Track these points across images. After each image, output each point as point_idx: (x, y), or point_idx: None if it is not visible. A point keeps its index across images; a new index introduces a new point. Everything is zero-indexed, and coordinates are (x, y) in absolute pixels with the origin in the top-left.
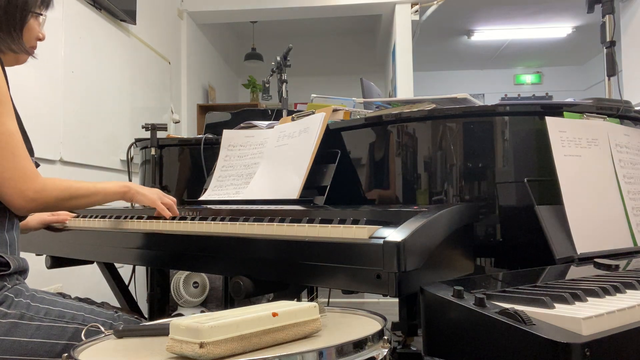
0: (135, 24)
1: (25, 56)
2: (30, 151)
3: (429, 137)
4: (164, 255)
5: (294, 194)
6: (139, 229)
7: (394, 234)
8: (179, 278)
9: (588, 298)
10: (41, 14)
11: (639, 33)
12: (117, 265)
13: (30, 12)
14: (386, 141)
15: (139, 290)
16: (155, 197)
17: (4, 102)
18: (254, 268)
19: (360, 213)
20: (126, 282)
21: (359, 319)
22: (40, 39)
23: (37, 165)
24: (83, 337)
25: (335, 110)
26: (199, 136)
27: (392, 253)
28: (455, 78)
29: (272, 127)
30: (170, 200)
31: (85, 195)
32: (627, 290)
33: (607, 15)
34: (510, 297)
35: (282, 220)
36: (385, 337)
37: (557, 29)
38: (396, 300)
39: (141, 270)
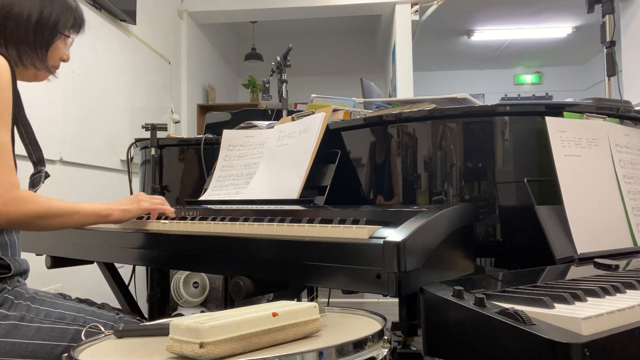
0: (135, 24)
1: (46, 74)
2: (42, 161)
3: (429, 137)
4: (164, 255)
5: (294, 194)
6: (139, 229)
7: (394, 234)
8: (179, 278)
9: (588, 298)
10: (69, 37)
11: (639, 33)
12: (117, 265)
13: (60, 34)
14: (386, 141)
15: (139, 290)
16: (145, 204)
17: (2, 113)
18: (254, 268)
19: (360, 213)
20: (126, 282)
21: (359, 319)
22: (64, 60)
23: (47, 176)
24: (83, 337)
25: (335, 110)
26: (199, 136)
27: (392, 253)
28: (455, 78)
29: (272, 127)
30: (158, 199)
31: (61, 215)
32: (627, 290)
33: (607, 15)
34: (510, 297)
35: (282, 220)
36: (385, 337)
37: (557, 29)
38: (396, 300)
39: (141, 270)
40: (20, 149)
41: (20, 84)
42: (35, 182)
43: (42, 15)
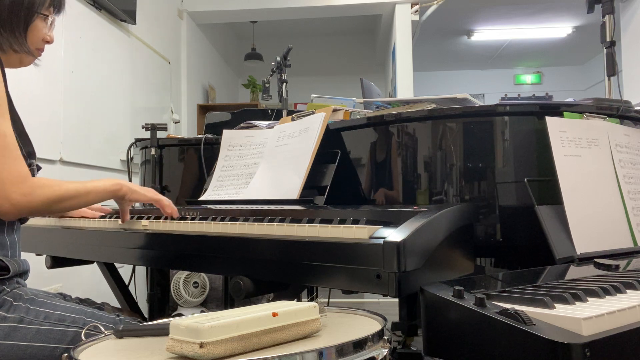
0: (135, 24)
1: (30, 58)
2: (32, 154)
3: (429, 137)
4: (164, 255)
5: (294, 194)
6: (139, 229)
7: (394, 234)
8: (179, 278)
9: (588, 298)
10: (48, 16)
11: (639, 33)
12: (117, 265)
13: (37, 13)
14: (386, 141)
15: (139, 290)
16: (152, 193)
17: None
18: (254, 268)
19: (360, 213)
20: (126, 282)
21: (359, 319)
22: (48, 42)
23: (39, 168)
24: (83, 338)
25: (335, 110)
26: (199, 136)
27: (392, 253)
28: (455, 78)
29: (272, 127)
30: (166, 199)
31: (75, 196)
32: (627, 290)
33: (607, 15)
34: (510, 297)
35: (282, 220)
36: (385, 337)
37: (557, 29)
38: (396, 300)
39: (141, 270)
40: None
41: (19, 82)
42: None
43: None
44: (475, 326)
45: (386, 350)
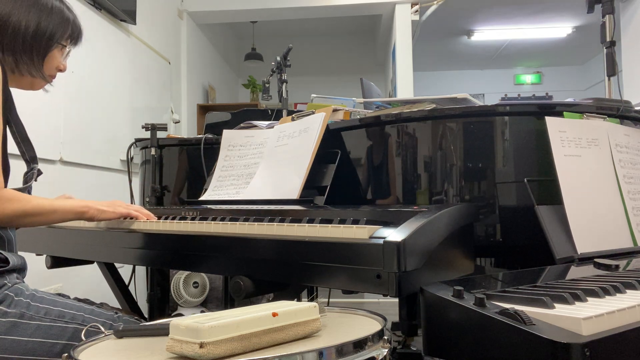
0: (135, 24)
1: (42, 83)
2: (34, 159)
3: (429, 137)
4: (164, 255)
5: (294, 194)
6: (139, 229)
7: (394, 234)
8: (179, 278)
9: (588, 298)
10: (66, 46)
11: (639, 33)
12: (117, 265)
13: (56, 43)
14: (386, 141)
15: (139, 290)
16: (122, 209)
17: None
18: (254, 268)
19: (360, 213)
20: (126, 282)
21: (359, 319)
22: (60, 70)
23: (40, 173)
24: (83, 337)
25: (335, 110)
26: (199, 136)
27: (392, 253)
28: (455, 78)
29: (272, 127)
30: (135, 206)
31: (41, 213)
32: (627, 290)
33: (607, 15)
34: (510, 297)
35: (282, 220)
36: (385, 337)
37: (557, 29)
38: (396, 300)
39: (141, 270)
40: (12, 147)
41: None
42: (27, 179)
43: (39, 26)
44: (475, 326)
45: (386, 350)
